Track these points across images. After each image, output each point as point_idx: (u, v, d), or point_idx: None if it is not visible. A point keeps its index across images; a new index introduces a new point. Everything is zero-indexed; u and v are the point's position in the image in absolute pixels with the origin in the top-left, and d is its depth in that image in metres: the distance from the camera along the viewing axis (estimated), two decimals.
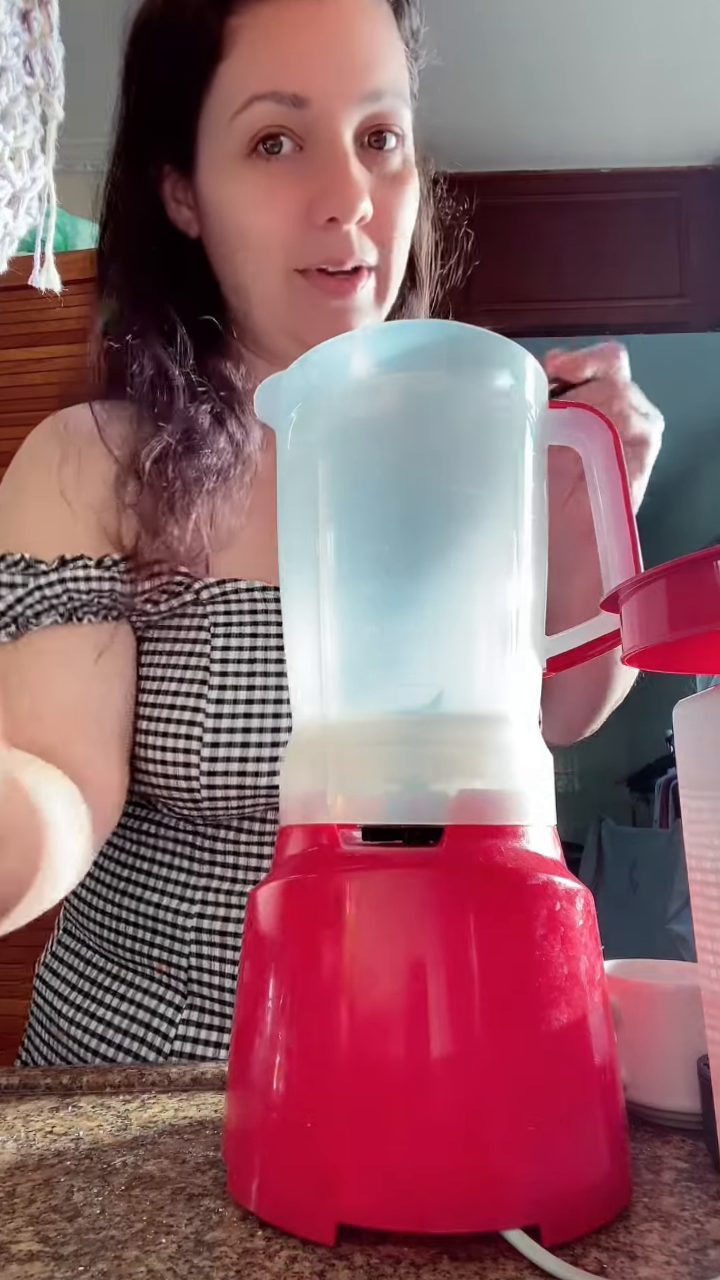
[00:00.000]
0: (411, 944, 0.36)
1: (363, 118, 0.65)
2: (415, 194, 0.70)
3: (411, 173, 0.69)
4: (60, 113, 0.32)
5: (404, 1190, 0.34)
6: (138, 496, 0.66)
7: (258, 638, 0.66)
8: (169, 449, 0.67)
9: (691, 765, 0.34)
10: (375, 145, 0.66)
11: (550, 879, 0.38)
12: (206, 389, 0.70)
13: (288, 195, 0.64)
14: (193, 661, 0.66)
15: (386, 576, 0.43)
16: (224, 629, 0.66)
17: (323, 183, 0.63)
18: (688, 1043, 0.45)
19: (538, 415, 0.46)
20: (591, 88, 2.58)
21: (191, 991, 0.67)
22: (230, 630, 0.66)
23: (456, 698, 0.42)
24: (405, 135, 0.68)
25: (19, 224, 0.32)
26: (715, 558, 0.29)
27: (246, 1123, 0.39)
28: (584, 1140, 0.36)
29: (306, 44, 0.62)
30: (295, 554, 0.46)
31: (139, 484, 0.66)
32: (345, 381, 0.45)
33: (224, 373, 0.71)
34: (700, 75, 2.53)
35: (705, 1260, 0.33)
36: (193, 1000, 0.67)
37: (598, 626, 0.48)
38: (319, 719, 0.43)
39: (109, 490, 0.67)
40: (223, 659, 0.65)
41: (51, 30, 0.31)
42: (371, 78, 0.64)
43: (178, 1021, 0.66)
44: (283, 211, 0.64)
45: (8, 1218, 0.37)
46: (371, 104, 0.64)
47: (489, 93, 2.58)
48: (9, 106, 0.30)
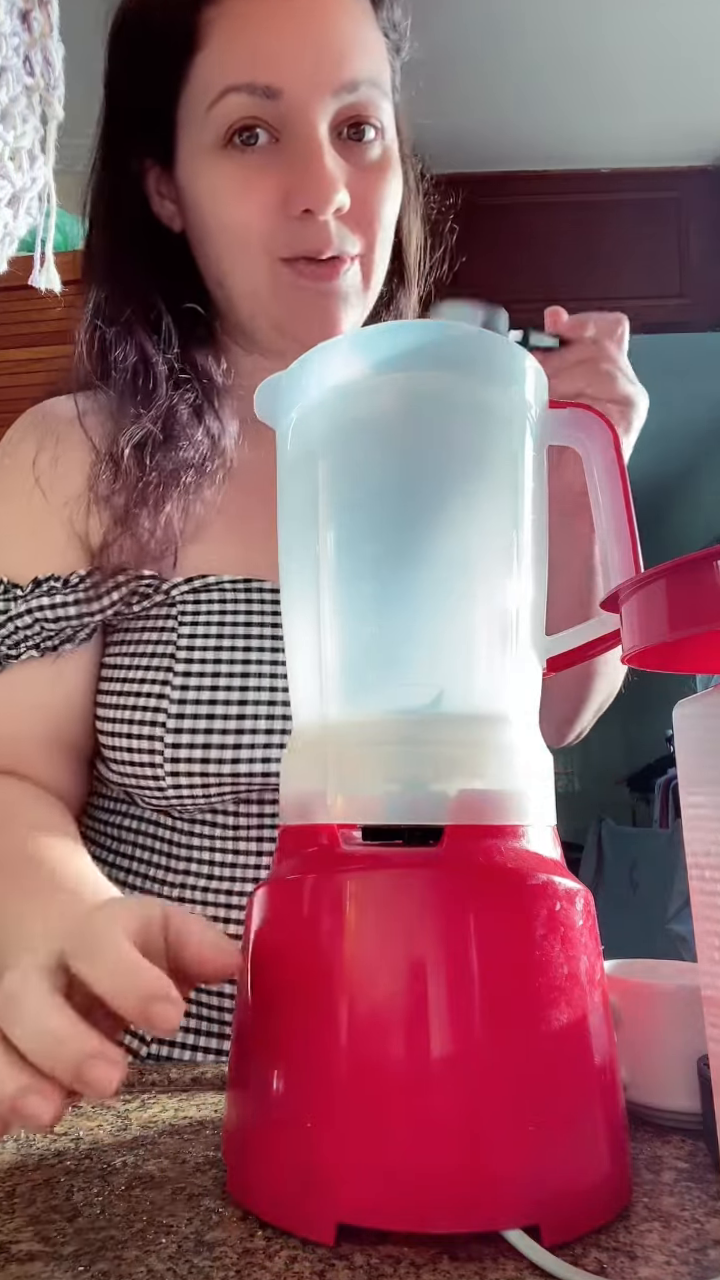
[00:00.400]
0: (411, 944, 0.36)
1: (339, 109, 0.64)
2: (397, 185, 0.70)
3: (392, 164, 0.69)
4: (60, 113, 0.32)
5: (404, 1190, 0.34)
6: (112, 486, 0.67)
7: (224, 627, 0.66)
8: (149, 436, 0.67)
9: (691, 765, 0.34)
10: (354, 137, 0.66)
11: (550, 879, 0.38)
12: (189, 379, 0.70)
13: (264, 186, 0.64)
14: (159, 650, 0.66)
15: (386, 576, 0.43)
16: (190, 622, 0.67)
17: (298, 174, 0.63)
18: (688, 1043, 0.45)
19: (538, 415, 0.46)
20: (591, 87, 2.58)
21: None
22: (197, 622, 0.66)
23: (456, 698, 0.42)
24: (385, 127, 0.68)
25: (19, 224, 0.32)
26: (715, 558, 0.29)
27: (246, 1123, 0.39)
28: (584, 1140, 0.36)
29: (280, 35, 0.62)
30: (295, 554, 0.46)
31: (115, 472, 0.67)
32: (345, 381, 0.45)
33: (205, 365, 0.72)
34: (700, 75, 2.53)
35: (705, 1260, 0.33)
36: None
37: (598, 626, 0.48)
38: (319, 719, 0.43)
39: (84, 480, 0.68)
40: (188, 650, 0.66)
41: (51, 30, 0.31)
42: (347, 69, 0.63)
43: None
44: (259, 202, 0.64)
45: (8, 1218, 0.37)
46: (348, 95, 0.64)
47: (488, 92, 2.58)
48: (9, 106, 0.30)
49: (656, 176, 2.92)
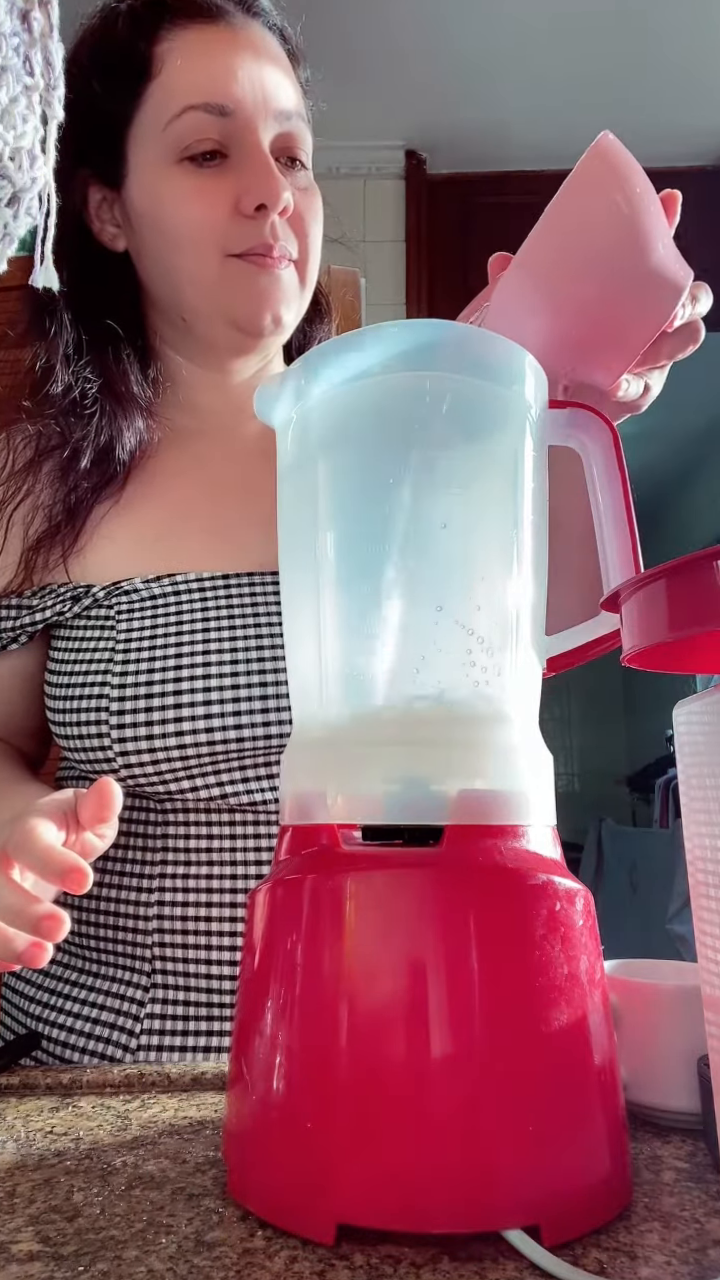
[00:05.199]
0: (411, 944, 0.36)
1: (276, 133, 0.73)
2: (321, 210, 0.78)
3: (317, 193, 0.78)
4: (60, 113, 0.32)
5: (404, 1190, 0.34)
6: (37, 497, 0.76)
7: (158, 618, 0.72)
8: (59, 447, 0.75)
9: (691, 765, 0.34)
10: (286, 164, 0.75)
11: (550, 879, 0.38)
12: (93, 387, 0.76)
13: (217, 189, 0.71)
14: (101, 645, 0.72)
15: (385, 576, 0.43)
16: (125, 616, 0.73)
17: (248, 178, 0.71)
18: (688, 1043, 0.45)
19: (538, 415, 0.46)
20: (591, 87, 2.58)
21: (155, 984, 0.68)
22: (133, 615, 0.72)
23: (457, 697, 0.42)
24: (309, 164, 0.77)
25: (19, 224, 0.32)
26: (715, 558, 0.29)
27: (246, 1123, 0.39)
28: (584, 1140, 0.36)
29: (229, 63, 0.72)
30: (294, 554, 0.46)
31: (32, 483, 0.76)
32: (345, 382, 0.45)
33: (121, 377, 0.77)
34: (699, 75, 2.53)
35: (705, 1260, 0.33)
36: (155, 993, 0.68)
37: (598, 626, 0.48)
38: (319, 719, 0.43)
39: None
40: (126, 642, 0.71)
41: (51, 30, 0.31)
42: (282, 98, 0.73)
43: (142, 1016, 0.68)
44: (212, 203, 0.71)
45: (8, 1218, 0.37)
46: (284, 122, 0.73)
47: (488, 92, 2.58)
48: (9, 106, 0.30)
49: (656, 176, 2.92)
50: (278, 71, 0.74)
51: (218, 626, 0.71)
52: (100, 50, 0.74)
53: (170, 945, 0.68)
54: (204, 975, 0.67)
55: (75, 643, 0.74)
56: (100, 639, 0.72)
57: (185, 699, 0.68)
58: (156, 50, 0.72)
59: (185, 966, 0.68)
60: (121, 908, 0.70)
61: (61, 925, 0.47)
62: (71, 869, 0.48)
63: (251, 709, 0.68)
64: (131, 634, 0.71)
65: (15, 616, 0.76)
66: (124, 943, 0.70)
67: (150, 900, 0.69)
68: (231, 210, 0.71)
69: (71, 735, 0.71)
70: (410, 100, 2.62)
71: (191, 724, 0.67)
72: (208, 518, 0.77)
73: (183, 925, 0.68)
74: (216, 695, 0.68)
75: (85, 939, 0.72)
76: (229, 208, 0.71)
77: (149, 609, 0.72)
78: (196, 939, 0.68)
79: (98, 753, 0.70)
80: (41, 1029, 0.71)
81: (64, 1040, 0.69)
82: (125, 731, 0.68)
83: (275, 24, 0.77)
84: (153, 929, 0.69)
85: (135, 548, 0.76)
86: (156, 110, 0.72)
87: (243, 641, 0.70)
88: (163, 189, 0.72)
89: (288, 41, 0.78)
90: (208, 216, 0.71)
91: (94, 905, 0.72)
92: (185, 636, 0.70)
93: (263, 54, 0.74)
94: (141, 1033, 0.67)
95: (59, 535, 0.75)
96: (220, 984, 0.67)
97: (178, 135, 0.71)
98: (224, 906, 0.68)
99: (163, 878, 0.70)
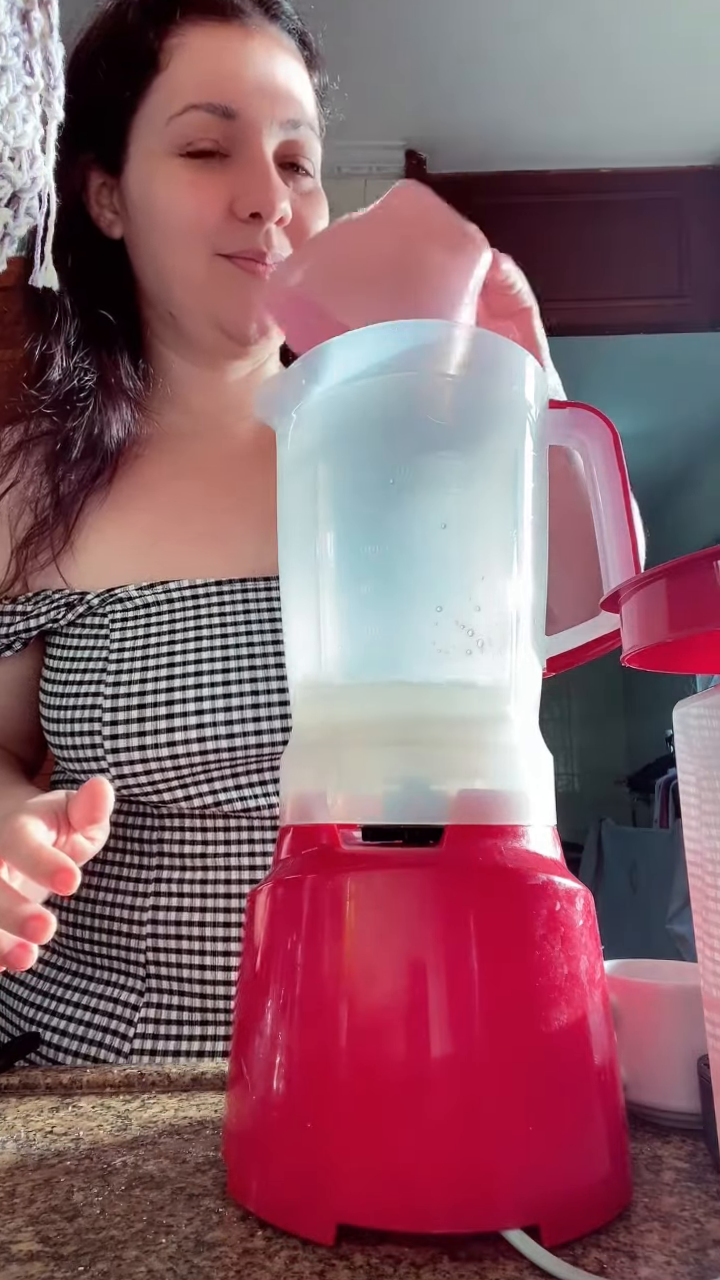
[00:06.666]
0: (411, 944, 0.36)
1: (282, 140, 0.72)
2: (326, 215, 0.76)
3: (322, 198, 0.76)
4: (60, 113, 0.32)
5: (403, 1190, 0.34)
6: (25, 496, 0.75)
7: (150, 627, 0.72)
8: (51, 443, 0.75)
9: (691, 765, 0.34)
10: (290, 170, 0.74)
11: (550, 879, 0.38)
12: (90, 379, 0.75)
13: (213, 186, 0.71)
14: (95, 653, 0.72)
15: (386, 576, 0.43)
16: (119, 625, 0.73)
17: (246, 182, 0.70)
18: (688, 1043, 0.45)
19: (538, 415, 0.46)
20: (591, 87, 2.58)
21: (150, 988, 0.68)
22: (126, 624, 0.72)
23: (456, 697, 0.42)
24: (315, 172, 0.76)
25: (19, 224, 0.32)
26: (715, 558, 0.29)
27: (246, 1123, 0.39)
28: (583, 1140, 0.36)
29: (238, 67, 0.71)
30: (294, 555, 0.46)
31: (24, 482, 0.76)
32: (345, 382, 0.45)
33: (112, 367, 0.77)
34: (699, 75, 2.53)
35: (705, 1260, 0.33)
36: (149, 997, 0.68)
37: (598, 626, 0.48)
38: (319, 719, 0.43)
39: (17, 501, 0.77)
40: (119, 648, 0.71)
41: (51, 30, 0.31)
42: (291, 106, 0.72)
43: (136, 1021, 0.68)
44: (207, 199, 0.71)
45: (8, 1218, 0.37)
46: (290, 130, 0.72)
47: (488, 92, 2.58)
48: (9, 106, 0.30)
49: (656, 176, 2.92)
50: (290, 77, 0.73)
51: (209, 634, 0.71)
52: (111, 37, 0.74)
53: (165, 950, 0.68)
54: (198, 980, 0.67)
55: (70, 651, 0.74)
56: (94, 647, 0.72)
57: (178, 708, 0.68)
58: (166, 43, 0.71)
59: (180, 971, 0.68)
60: (117, 911, 0.70)
61: (47, 927, 0.47)
62: (60, 869, 0.48)
63: (244, 716, 0.68)
64: (124, 643, 0.71)
65: (9, 623, 0.76)
66: (119, 947, 0.70)
67: (145, 905, 0.69)
68: (225, 210, 0.71)
69: (66, 745, 0.71)
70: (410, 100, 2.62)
71: (184, 733, 0.67)
72: (202, 522, 0.77)
73: (177, 930, 0.68)
74: (209, 704, 0.68)
75: (80, 943, 0.72)
76: (223, 207, 0.70)
77: (142, 617, 0.72)
78: (191, 944, 0.68)
79: (91, 762, 0.70)
80: (34, 1030, 0.71)
81: (58, 1044, 0.69)
82: (119, 742, 0.68)
83: (296, 28, 0.76)
84: (147, 934, 0.69)
85: (129, 553, 0.76)
86: (160, 104, 0.71)
87: (234, 649, 0.70)
88: (158, 179, 0.72)
89: (308, 47, 0.77)
90: (200, 212, 0.71)
91: (89, 909, 0.72)
92: (178, 645, 0.70)
93: (276, 58, 0.73)
94: (136, 1037, 0.67)
95: (47, 531, 0.74)
96: (214, 989, 0.67)
97: (179, 131, 0.71)
98: (218, 911, 0.68)
99: (158, 882, 0.70)
